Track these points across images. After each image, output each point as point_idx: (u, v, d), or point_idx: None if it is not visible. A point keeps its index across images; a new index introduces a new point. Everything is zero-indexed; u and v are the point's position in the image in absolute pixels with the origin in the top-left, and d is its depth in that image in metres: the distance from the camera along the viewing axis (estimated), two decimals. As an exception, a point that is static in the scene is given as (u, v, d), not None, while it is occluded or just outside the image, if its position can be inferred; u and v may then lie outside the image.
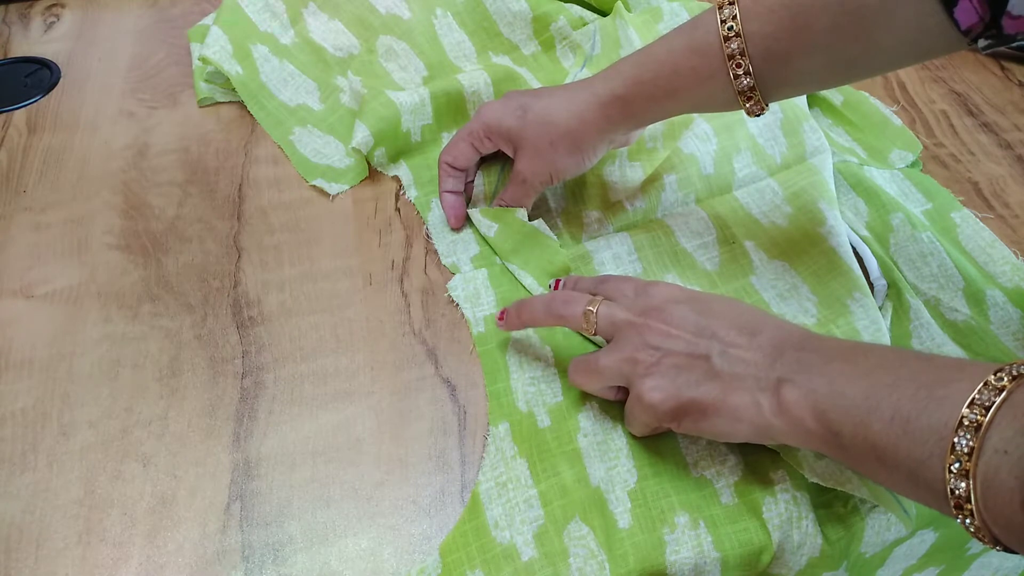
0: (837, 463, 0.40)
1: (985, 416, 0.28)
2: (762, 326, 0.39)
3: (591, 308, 0.42)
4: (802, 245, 0.51)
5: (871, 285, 0.50)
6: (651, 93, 0.46)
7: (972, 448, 0.28)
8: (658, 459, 0.42)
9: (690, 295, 0.42)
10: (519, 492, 0.41)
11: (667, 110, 0.47)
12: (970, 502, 0.28)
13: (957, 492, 0.29)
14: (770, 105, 0.45)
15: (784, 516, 0.39)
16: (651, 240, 0.52)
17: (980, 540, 0.29)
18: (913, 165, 0.59)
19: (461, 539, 0.39)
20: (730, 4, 0.42)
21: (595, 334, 0.42)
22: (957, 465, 0.28)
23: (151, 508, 0.40)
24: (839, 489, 0.39)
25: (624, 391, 0.42)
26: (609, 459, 0.42)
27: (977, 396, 0.29)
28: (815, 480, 0.39)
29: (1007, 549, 0.29)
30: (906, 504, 0.39)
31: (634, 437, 0.43)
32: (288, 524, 0.40)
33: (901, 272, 0.51)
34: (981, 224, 0.53)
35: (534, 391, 0.45)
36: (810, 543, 0.39)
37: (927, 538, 0.44)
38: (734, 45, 0.42)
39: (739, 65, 0.42)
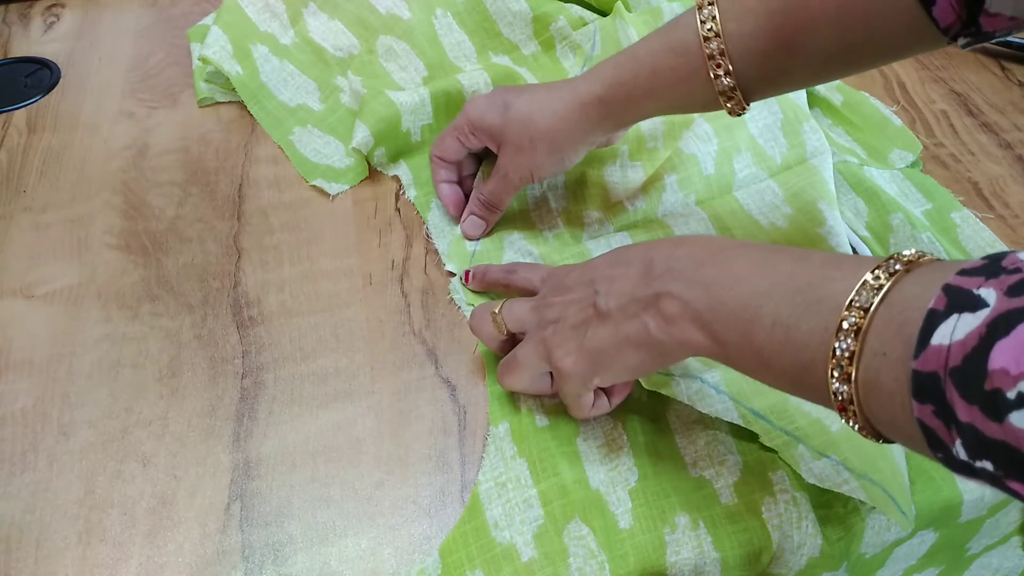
0: (835, 465, 0.40)
1: (864, 318, 0.28)
2: (633, 252, 0.39)
3: (495, 312, 0.43)
4: (801, 246, 0.50)
5: None
6: (630, 94, 0.46)
7: (852, 352, 0.28)
8: (658, 459, 0.42)
9: (584, 264, 0.42)
10: (519, 492, 0.41)
11: (647, 110, 0.47)
12: (853, 404, 0.28)
13: (840, 396, 0.29)
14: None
15: (784, 516, 0.39)
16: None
17: (864, 436, 0.30)
18: (913, 165, 0.59)
19: (461, 539, 0.39)
20: (709, 4, 0.42)
21: (507, 335, 0.43)
22: (839, 370, 0.28)
23: (151, 508, 0.40)
24: (836, 491, 0.39)
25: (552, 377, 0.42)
26: (610, 460, 0.42)
27: (856, 297, 0.28)
28: (812, 482, 0.39)
29: (888, 441, 0.30)
30: (903, 505, 0.39)
31: (634, 437, 0.43)
32: (288, 524, 0.40)
33: None
34: (981, 224, 0.53)
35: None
36: (810, 543, 0.39)
37: (927, 539, 0.44)
38: (713, 45, 0.42)
39: (719, 65, 0.42)
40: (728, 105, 0.44)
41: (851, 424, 0.29)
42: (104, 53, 0.69)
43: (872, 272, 0.28)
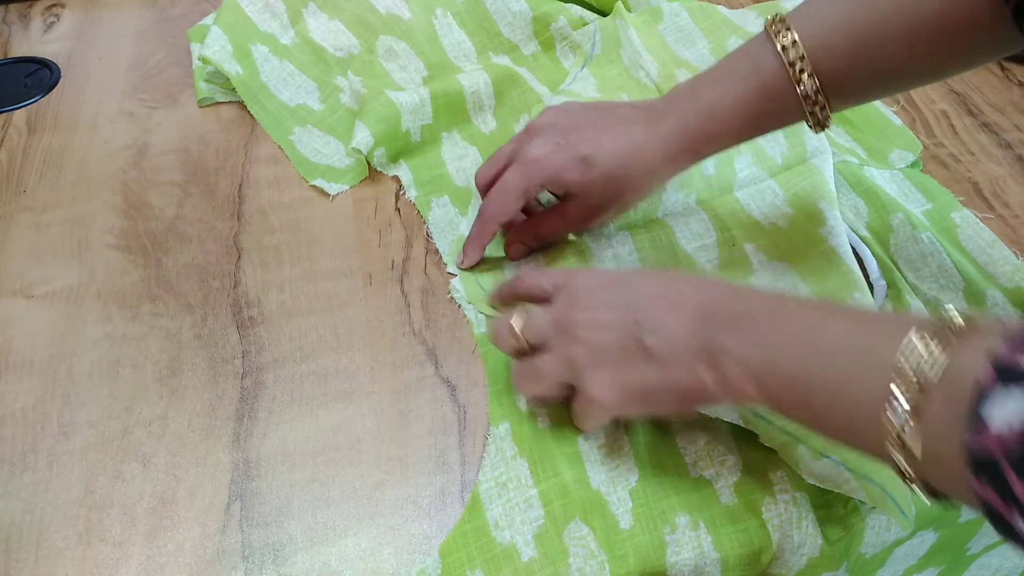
0: (835, 465, 0.40)
1: (917, 391, 0.28)
2: (683, 291, 0.39)
3: (514, 324, 0.42)
4: (802, 246, 0.51)
5: (871, 286, 0.50)
6: (723, 143, 0.46)
7: (909, 426, 0.28)
8: (658, 459, 0.42)
9: (609, 277, 0.42)
10: (519, 492, 0.41)
11: (732, 145, 0.47)
12: (911, 470, 0.29)
13: (899, 463, 0.29)
14: None
15: (784, 516, 0.39)
16: (652, 240, 0.52)
17: (925, 497, 0.30)
18: (913, 165, 0.59)
19: (461, 539, 0.39)
20: (793, 45, 0.42)
21: (529, 347, 0.42)
22: (895, 440, 0.29)
23: (151, 508, 0.40)
24: (836, 491, 0.39)
25: (570, 387, 0.41)
26: (611, 460, 0.42)
27: (906, 365, 0.28)
28: (812, 482, 0.39)
29: (947, 499, 0.30)
30: (903, 505, 0.39)
31: (635, 437, 0.43)
32: (288, 524, 0.40)
33: (901, 272, 0.51)
34: (981, 224, 0.53)
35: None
36: (810, 543, 0.39)
37: (927, 539, 0.44)
38: (808, 86, 0.42)
39: (815, 103, 0.43)
40: (815, 128, 0.45)
41: (911, 486, 0.30)
42: (104, 53, 0.69)
43: (921, 337, 0.29)
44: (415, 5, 0.67)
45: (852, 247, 0.51)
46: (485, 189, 0.50)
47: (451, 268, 0.52)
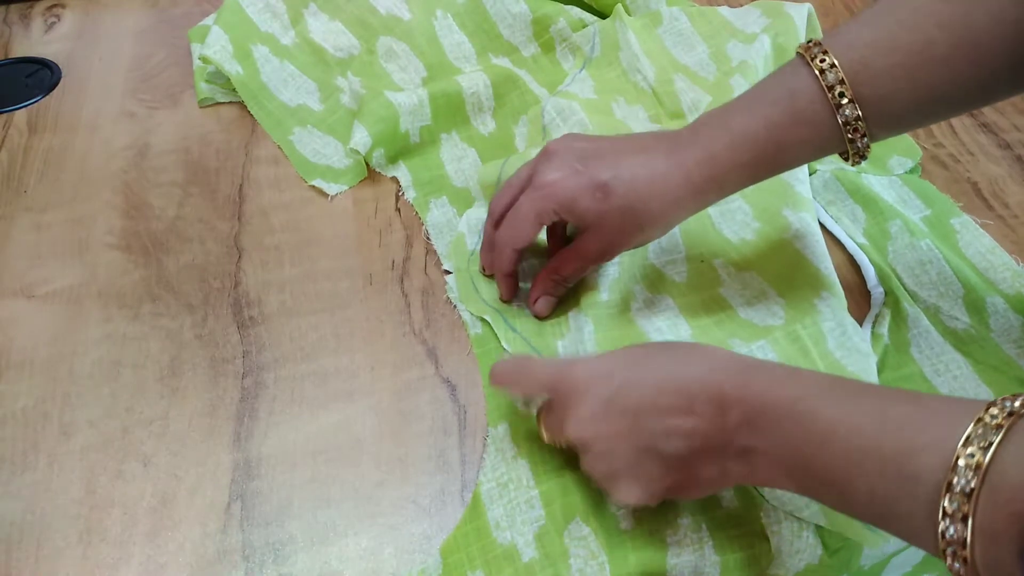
0: None
1: (967, 503, 0.26)
2: (692, 381, 0.35)
3: (536, 415, 0.41)
4: (768, 254, 0.50)
5: (868, 293, 0.50)
6: (753, 174, 0.43)
7: (962, 538, 0.26)
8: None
9: (608, 368, 0.38)
10: (520, 493, 0.41)
11: (763, 179, 0.44)
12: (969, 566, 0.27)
13: (952, 565, 0.27)
14: None
15: (784, 524, 0.39)
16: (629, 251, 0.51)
17: None
18: (912, 171, 0.59)
19: (462, 540, 0.39)
20: (832, 68, 0.39)
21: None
22: (951, 551, 0.27)
23: (152, 508, 0.40)
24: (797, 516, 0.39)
25: None
26: None
27: (952, 477, 0.27)
28: (774, 503, 0.39)
29: None
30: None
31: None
32: (288, 524, 0.40)
33: (900, 280, 0.51)
34: (981, 230, 0.53)
35: (534, 391, 0.45)
36: (810, 552, 0.39)
37: None
38: (848, 112, 0.39)
39: (856, 131, 0.40)
40: (852, 159, 0.42)
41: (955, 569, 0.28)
42: (105, 53, 0.69)
43: (965, 445, 0.27)
44: (415, 6, 0.67)
45: (850, 254, 0.51)
46: (500, 215, 0.47)
47: (447, 265, 0.52)
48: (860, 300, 0.50)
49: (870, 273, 0.50)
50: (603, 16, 0.69)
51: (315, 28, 0.66)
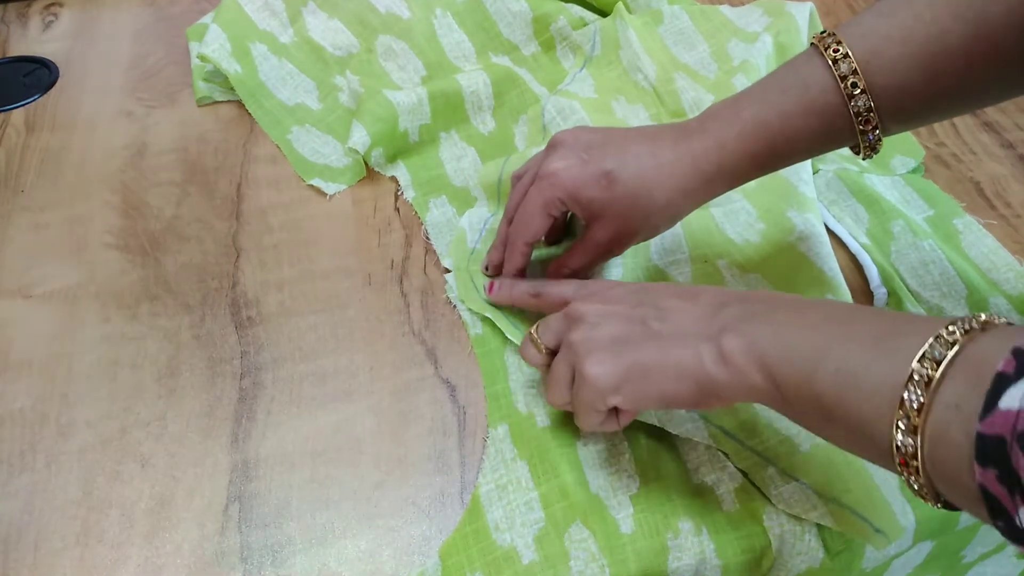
0: (803, 489, 0.39)
1: (936, 371, 0.27)
2: (701, 290, 0.38)
3: (532, 331, 0.41)
4: (773, 256, 0.50)
5: (871, 294, 0.50)
6: (764, 163, 0.42)
7: (922, 404, 0.27)
8: (660, 464, 0.42)
9: (629, 284, 0.41)
10: (520, 495, 0.40)
11: (773, 171, 0.44)
12: (916, 459, 0.27)
13: (904, 449, 0.28)
14: None
15: (786, 527, 0.39)
16: (632, 250, 0.51)
17: (922, 498, 0.29)
18: (915, 171, 0.58)
19: (462, 542, 0.39)
20: (845, 59, 0.38)
21: (547, 354, 0.41)
22: (905, 421, 0.27)
23: (149, 509, 0.40)
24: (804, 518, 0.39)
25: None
26: (610, 465, 0.41)
27: (928, 350, 0.28)
28: (782, 507, 0.39)
29: (948, 506, 0.29)
30: (878, 522, 0.38)
31: (636, 441, 0.42)
32: (287, 525, 0.40)
33: (903, 280, 0.50)
34: (984, 231, 0.53)
35: (534, 392, 0.45)
36: (811, 555, 0.39)
37: (924, 548, 0.44)
38: (861, 103, 0.39)
39: (868, 122, 0.39)
40: (864, 153, 0.41)
41: (911, 482, 0.28)
42: (103, 52, 0.68)
43: (947, 327, 0.28)
44: (415, 5, 0.66)
45: (853, 254, 0.50)
46: (513, 212, 0.47)
47: (445, 263, 0.51)
48: (863, 301, 0.50)
49: (873, 273, 0.50)
50: (604, 14, 0.69)
51: (314, 26, 0.66)
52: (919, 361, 0.27)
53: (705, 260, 0.51)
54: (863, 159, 0.42)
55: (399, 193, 0.57)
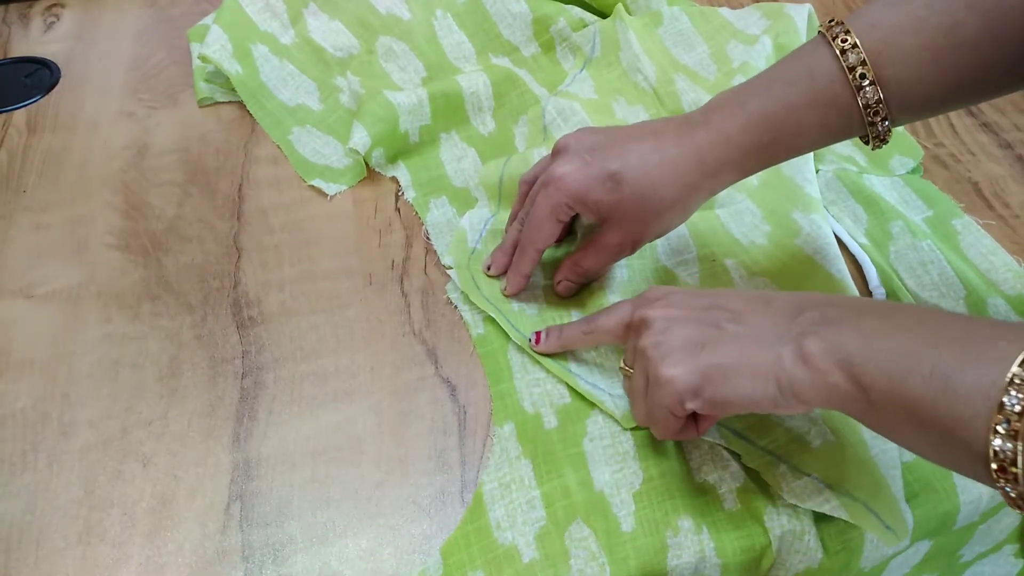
0: (815, 483, 0.39)
1: None
2: (775, 295, 0.37)
3: (622, 365, 0.41)
4: (781, 259, 0.50)
5: (870, 294, 0.50)
6: (771, 155, 0.42)
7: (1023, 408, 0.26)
8: (662, 462, 0.42)
9: (691, 290, 0.40)
10: (522, 493, 0.41)
11: (780, 161, 0.43)
12: (1016, 465, 0.26)
13: (1002, 454, 0.27)
14: None
15: (787, 528, 0.39)
16: (638, 252, 0.51)
17: (1018, 508, 0.28)
18: (914, 171, 0.58)
19: (463, 540, 0.39)
20: (853, 49, 0.38)
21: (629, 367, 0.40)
22: (1005, 425, 0.26)
23: (151, 508, 0.40)
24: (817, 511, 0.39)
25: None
26: (615, 463, 0.41)
27: None
28: (794, 501, 0.39)
29: None
30: (887, 519, 0.38)
31: (640, 439, 0.42)
32: (288, 524, 0.40)
33: (902, 280, 0.50)
34: (982, 231, 0.53)
35: (540, 392, 0.45)
36: (811, 556, 0.39)
37: (922, 548, 0.44)
38: (869, 94, 0.38)
39: (877, 114, 0.39)
40: (872, 143, 0.41)
41: (1007, 491, 0.28)
42: (104, 53, 0.68)
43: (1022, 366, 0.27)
44: (415, 6, 0.67)
45: (852, 254, 0.51)
46: (515, 216, 0.47)
47: (446, 261, 0.51)
48: (861, 300, 0.50)
49: (872, 273, 0.50)
50: (603, 16, 0.69)
51: (315, 27, 0.66)
52: (1020, 365, 0.27)
53: (713, 260, 0.51)
54: (872, 149, 0.41)
55: (400, 193, 0.57)
